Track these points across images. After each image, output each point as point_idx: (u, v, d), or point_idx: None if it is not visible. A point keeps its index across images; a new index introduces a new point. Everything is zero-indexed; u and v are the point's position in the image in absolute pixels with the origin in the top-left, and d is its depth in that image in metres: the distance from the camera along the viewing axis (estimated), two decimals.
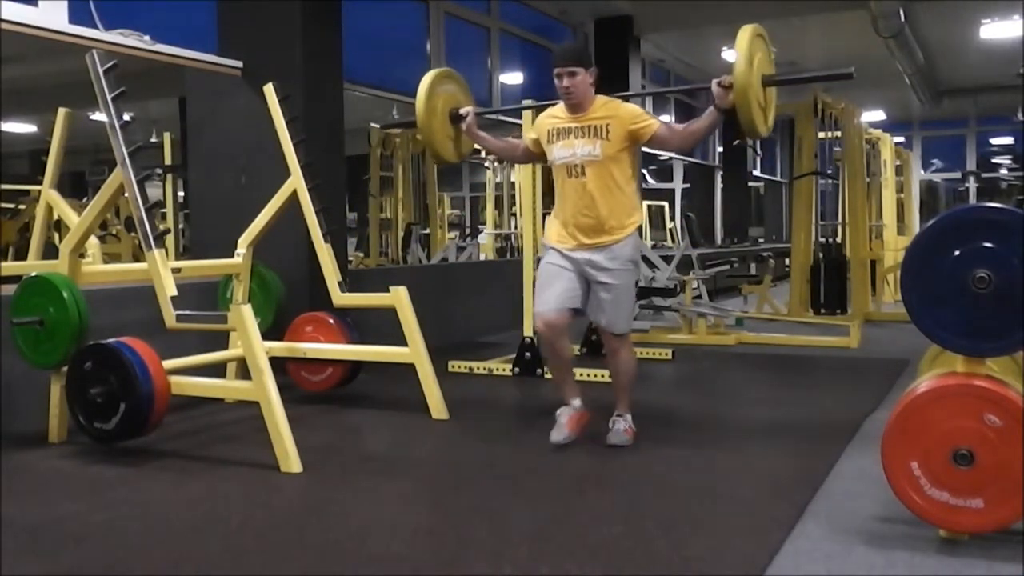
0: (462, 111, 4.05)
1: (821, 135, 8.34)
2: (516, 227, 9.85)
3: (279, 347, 4.62)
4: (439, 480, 3.28)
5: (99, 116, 3.82)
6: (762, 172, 17.98)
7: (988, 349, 2.50)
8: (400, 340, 4.37)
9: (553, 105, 3.78)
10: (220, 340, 4.55)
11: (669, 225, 14.36)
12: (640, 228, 3.75)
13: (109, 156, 3.76)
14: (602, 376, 5.11)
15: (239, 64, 5.50)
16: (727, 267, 10.27)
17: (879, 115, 16.25)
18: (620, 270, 3.59)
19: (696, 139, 3.71)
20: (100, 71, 3.72)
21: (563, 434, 3.61)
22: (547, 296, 3.61)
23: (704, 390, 5.31)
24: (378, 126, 8.87)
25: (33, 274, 3.87)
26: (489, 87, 8.72)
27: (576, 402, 3.72)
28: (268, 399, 3.43)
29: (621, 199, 3.58)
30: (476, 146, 4.39)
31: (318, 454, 3.55)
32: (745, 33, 3.36)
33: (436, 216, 9.74)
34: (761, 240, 15.23)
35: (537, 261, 3.84)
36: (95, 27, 4.65)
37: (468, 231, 12.01)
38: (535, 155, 3.89)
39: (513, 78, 9.36)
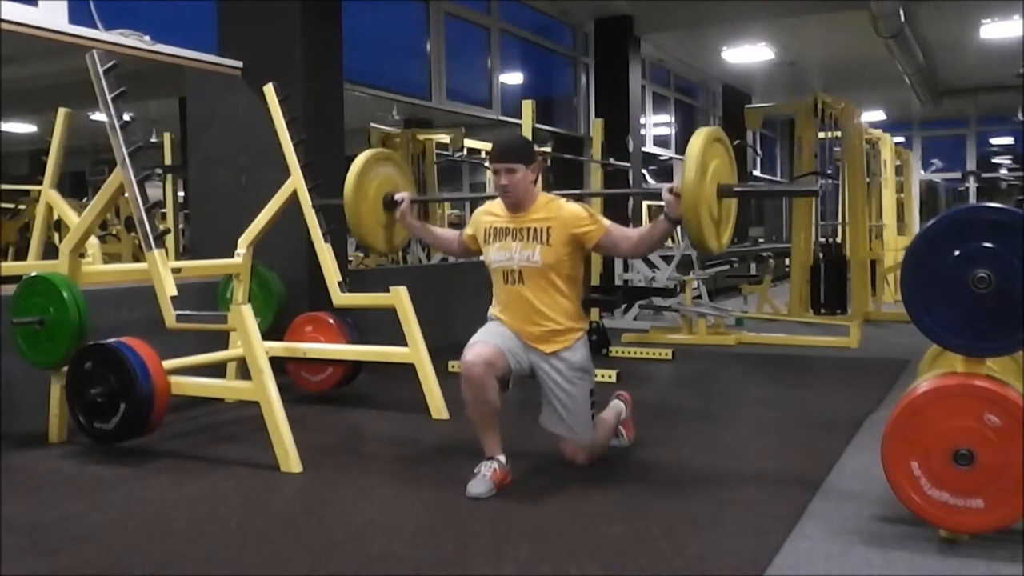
0: (397, 196, 3.75)
1: (821, 135, 8.34)
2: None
3: (279, 347, 4.62)
4: (439, 480, 3.28)
5: (99, 116, 3.83)
6: (762, 172, 17.97)
7: (988, 349, 2.50)
8: (400, 340, 4.37)
9: (492, 198, 3.44)
10: (220, 340, 4.55)
11: None
12: (587, 336, 3.39)
13: (109, 156, 3.77)
14: (604, 376, 5.11)
15: (239, 64, 5.50)
16: (727, 267, 10.28)
17: (879, 115, 16.25)
18: (573, 378, 3.26)
19: (649, 248, 3.31)
20: (100, 71, 3.72)
21: (485, 486, 3.08)
22: (490, 335, 3.22)
23: (704, 390, 5.31)
24: (379, 126, 8.87)
25: (33, 274, 3.88)
26: (489, 87, 8.72)
27: (501, 457, 3.21)
28: (268, 399, 3.43)
29: (564, 305, 3.25)
30: (472, 144, 4.25)
31: (318, 454, 3.55)
32: (698, 138, 2.96)
33: (436, 216, 9.73)
34: (761, 240, 15.22)
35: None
36: (95, 27, 4.65)
37: None
38: (472, 251, 3.53)
39: (513, 78, 9.36)
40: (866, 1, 8.35)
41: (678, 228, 3.22)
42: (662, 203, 3.12)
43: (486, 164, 10.62)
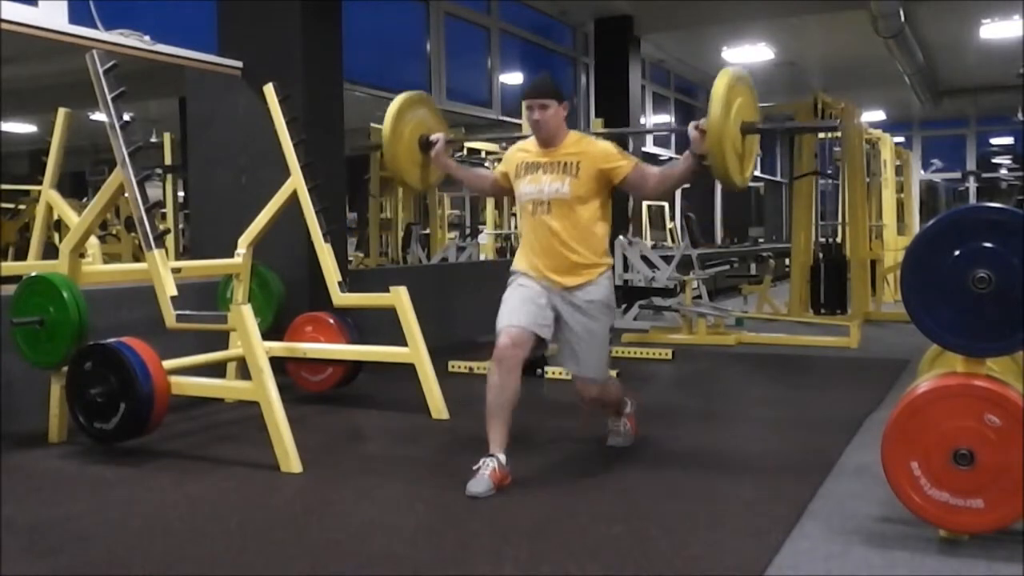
0: (432, 137, 3.84)
1: (821, 135, 8.34)
2: (516, 227, 9.84)
3: (279, 347, 4.62)
4: (439, 480, 3.28)
5: (99, 116, 3.82)
6: (762, 172, 17.98)
7: (988, 349, 2.50)
8: (400, 340, 4.37)
9: (525, 138, 3.57)
10: (220, 340, 4.55)
11: (669, 225, 14.35)
12: (613, 268, 3.49)
13: (109, 156, 3.77)
14: None
15: (239, 64, 5.49)
16: (727, 267, 10.28)
17: (879, 115, 16.25)
18: (595, 313, 3.32)
19: (673, 186, 3.44)
20: (100, 71, 3.72)
21: (485, 486, 3.05)
22: (514, 313, 3.25)
23: (704, 390, 5.31)
24: (379, 126, 8.84)
25: (33, 274, 3.88)
26: (489, 87, 8.72)
27: (502, 456, 3.16)
28: (268, 399, 3.43)
29: (590, 240, 3.32)
30: (475, 144, 4.34)
31: (318, 454, 3.55)
32: (723, 78, 3.13)
33: (436, 216, 9.74)
34: (761, 240, 15.24)
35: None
36: (95, 27, 4.65)
37: (468, 231, 12.00)
38: (504, 189, 3.63)
39: (513, 78, 9.36)
40: (866, 1, 8.35)
41: (678, 227, 3.28)
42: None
43: (486, 164, 10.65)
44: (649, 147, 12.09)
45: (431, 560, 2.49)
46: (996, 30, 10.59)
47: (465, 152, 9.91)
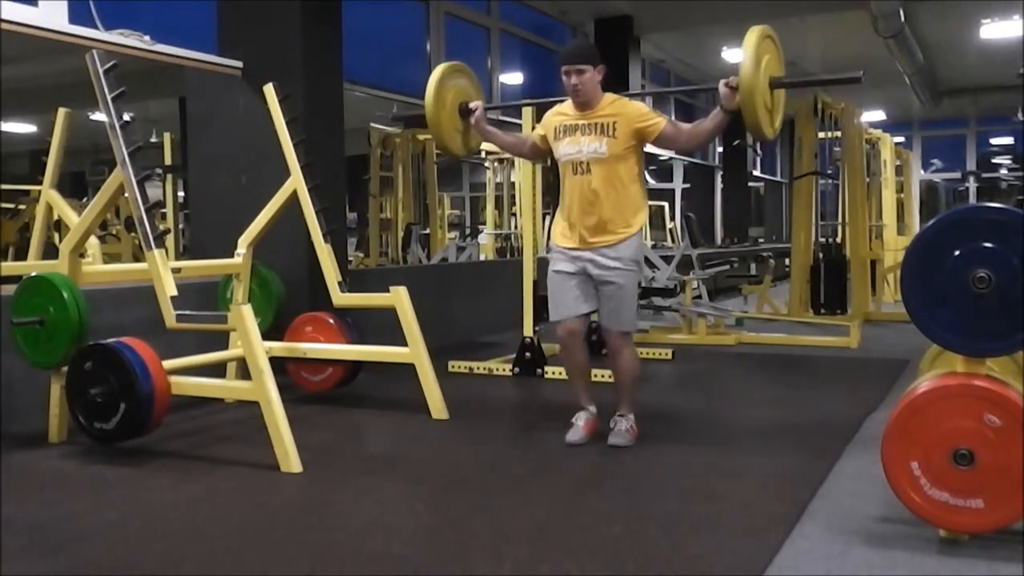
0: (471, 105, 4.06)
1: (821, 135, 8.33)
2: (516, 227, 9.85)
3: (279, 347, 4.62)
4: (439, 480, 3.28)
5: (99, 116, 3.82)
6: (762, 172, 17.97)
7: (988, 349, 2.50)
8: (400, 340, 4.37)
9: (560, 102, 3.81)
10: (220, 340, 4.55)
11: (669, 225, 14.36)
12: (643, 228, 3.74)
13: (109, 156, 3.77)
14: (603, 376, 5.11)
15: (239, 64, 5.50)
16: (727, 267, 10.27)
17: (879, 115, 16.25)
18: (623, 269, 3.58)
19: (703, 140, 3.70)
20: (100, 71, 3.72)
21: (579, 435, 3.67)
22: (562, 305, 3.64)
23: (704, 390, 5.31)
24: (379, 126, 8.87)
25: (33, 274, 3.87)
26: (489, 87, 8.72)
27: (592, 408, 3.78)
28: (268, 399, 3.43)
29: (626, 197, 3.58)
30: (483, 143, 4.43)
31: (318, 454, 3.55)
32: (753, 34, 3.37)
33: (436, 216, 9.74)
34: (761, 240, 15.23)
35: (540, 262, 3.85)
36: (95, 27, 4.65)
37: (468, 231, 12.01)
38: (542, 151, 3.87)
39: (513, 78, 9.36)
40: (866, 1, 8.35)
41: (678, 227, 3.36)
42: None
43: (486, 164, 10.67)
44: (649, 146, 12.07)
45: (431, 560, 2.49)
46: (996, 30, 10.60)
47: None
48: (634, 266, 3.64)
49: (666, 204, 14.70)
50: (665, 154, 13.02)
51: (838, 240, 8.59)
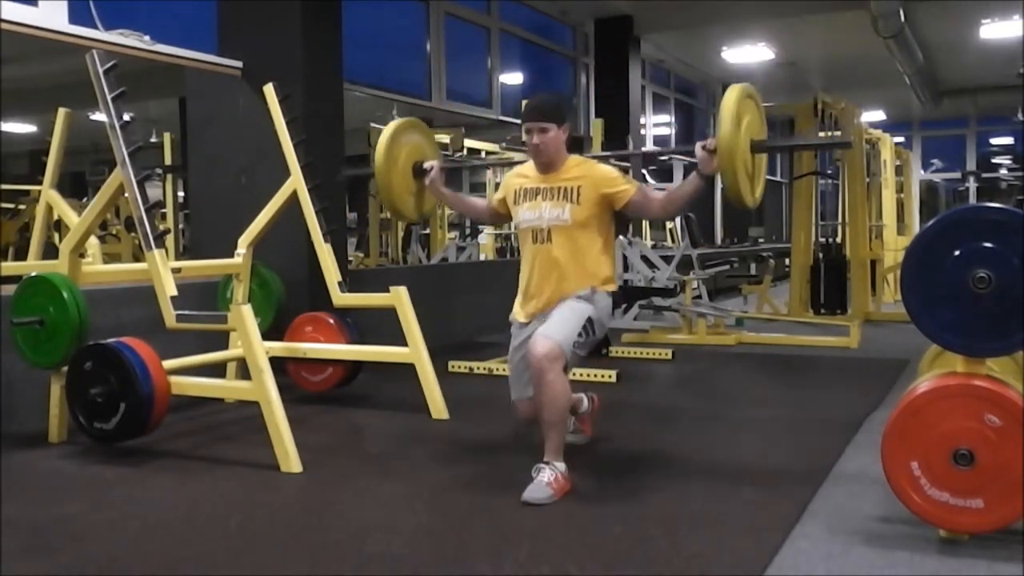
0: (426, 164, 3.71)
1: (821, 135, 8.34)
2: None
3: (279, 347, 4.62)
4: (439, 480, 3.28)
5: (99, 116, 3.82)
6: None
7: (988, 349, 2.50)
8: (400, 340, 4.37)
9: (522, 163, 3.47)
10: (220, 340, 4.55)
11: (669, 225, 14.34)
12: (613, 295, 3.30)
13: (109, 156, 3.77)
14: (604, 376, 5.12)
15: (239, 64, 5.50)
16: (727, 267, 10.27)
17: (879, 115, 16.25)
18: (576, 300, 3.18)
19: (679, 207, 3.28)
20: (100, 71, 3.72)
21: (579, 438, 3.57)
22: (518, 387, 3.31)
23: (704, 390, 5.31)
24: (379, 126, 8.86)
25: (33, 274, 3.87)
26: (489, 87, 8.72)
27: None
28: (268, 399, 3.43)
29: (592, 266, 3.21)
30: (472, 144, 4.31)
31: (318, 454, 3.55)
32: (733, 93, 3.06)
33: (436, 216, 9.74)
34: (761, 240, 15.22)
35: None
36: (95, 27, 4.65)
37: (468, 231, 12.01)
38: (501, 216, 3.54)
39: (513, 78, 9.35)
40: (866, 1, 8.35)
41: (678, 227, 3.26)
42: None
43: (486, 164, 10.66)
44: (649, 147, 12.08)
45: (431, 560, 2.49)
46: (996, 30, 10.59)
47: (465, 152, 9.92)
48: (586, 304, 3.17)
49: None
50: (665, 154, 13.01)
51: (838, 240, 8.60)
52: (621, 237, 7.24)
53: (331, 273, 4.53)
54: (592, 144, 7.06)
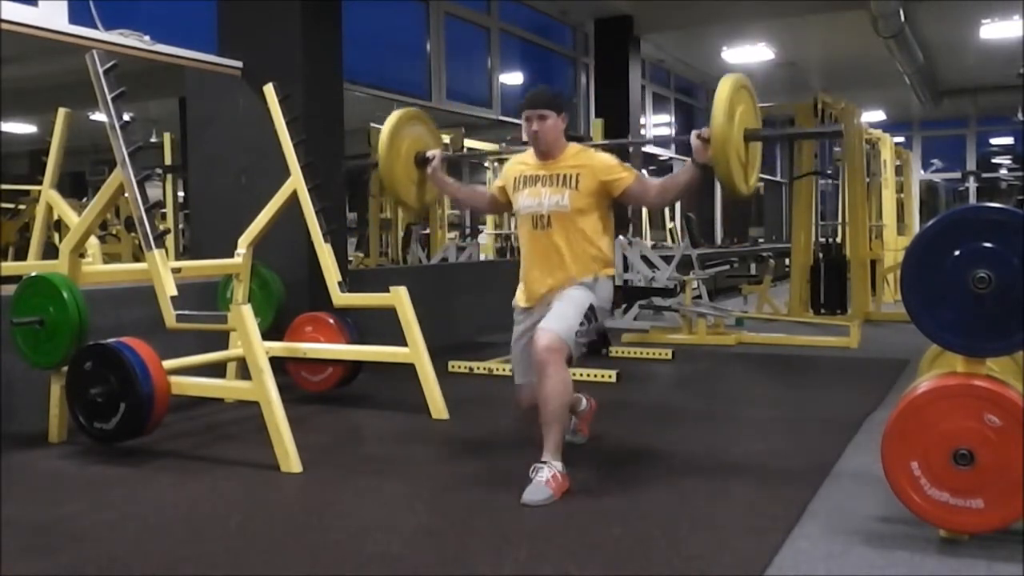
0: (428, 154, 3.81)
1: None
2: (516, 227, 9.85)
3: (279, 347, 4.62)
4: (439, 480, 3.28)
5: (99, 116, 3.82)
6: (762, 172, 17.95)
7: (988, 349, 2.50)
8: (400, 340, 4.37)
9: (523, 151, 3.51)
10: (220, 340, 4.55)
11: (669, 225, 14.36)
12: (613, 279, 3.38)
13: (109, 156, 3.77)
14: (603, 376, 5.12)
15: (239, 64, 5.50)
16: (727, 267, 10.28)
17: (879, 115, 16.25)
18: (575, 288, 3.22)
19: (675, 196, 3.35)
20: (100, 71, 3.72)
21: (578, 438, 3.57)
22: (522, 372, 3.34)
23: (704, 390, 5.31)
24: (379, 126, 8.86)
25: (33, 274, 3.87)
26: (489, 87, 8.72)
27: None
28: (268, 399, 3.43)
29: (592, 252, 3.26)
30: (472, 144, 4.32)
31: (318, 454, 3.55)
32: (726, 84, 3.11)
33: (436, 216, 9.74)
34: (761, 240, 15.24)
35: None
36: (95, 27, 4.65)
37: (468, 231, 12.00)
38: (501, 204, 3.60)
39: (513, 78, 9.36)
40: (866, 1, 8.35)
41: (678, 227, 3.27)
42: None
43: (485, 164, 10.67)
44: (649, 147, 12.09)
45: (431, 560, 2.49)
46: (996, 30, 10.60)
47: (465, 151, 9.93)
48: (585, 289, 3.23)
49: None
50: (665, 154, 13.01)
51: (838, 240, 8.60)
52: (621, 237, 7.24)
53: (331, 273, 4.53)
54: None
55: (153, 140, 9.29)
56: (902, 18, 8.89)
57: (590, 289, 3.23)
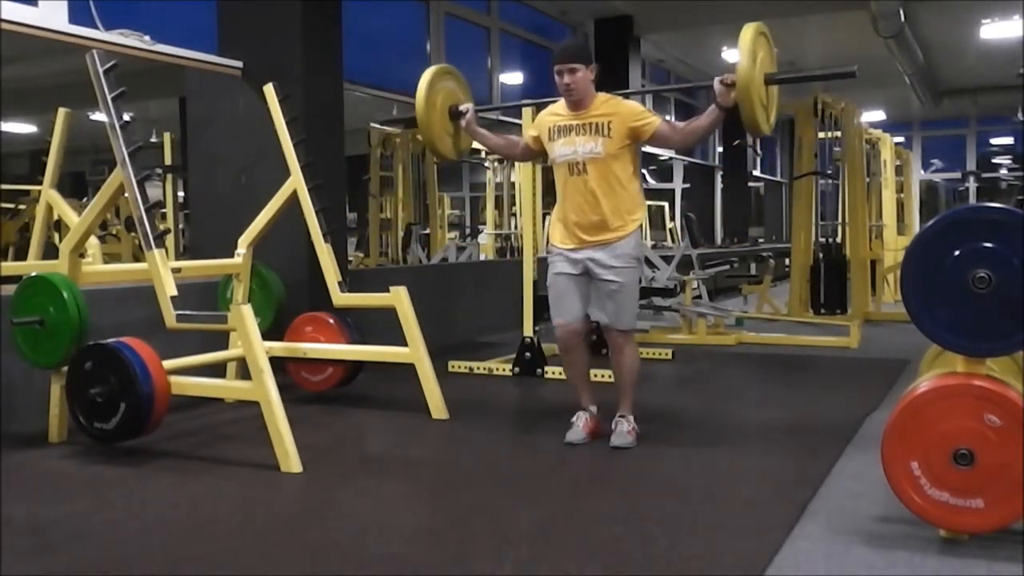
0: (461, 107, 4.09)
1: (821, 135, 8.34)
2: (516, 227, 9.85)
3: (279, 347, 4.62)
4: (439, 480, 3.28)
5: (99, 116, 3.82)
6: (762, 172, 17.97)
7: (988, 349, 2.49)
8: (400, 340, 4.37)
9: (554, 102, 3.79)
10: (220, 340, 4.55)
11: (669, 225, 14.36)
12: (642, 225, 3.75)
13: (109, 156, 3.77)
14: (603, 376, 5.12)
15: (239, 64, 5.50)
16: (727, 267, 10.28)
17: (879, 115, 16.25)
18: (624, 268, 3.59)
19: (698, 137, 3.71)
20: (100, 71, 3.72)
21: (579, 435, 3.68)
22: (564, 307, 3.67)
23: (704, 390, 5.31)
24: (378, 124, 8.87)
25: (33, 274, 3.87)
26: (489, 87, 8.72)
27: (593, 408, 3.79)
28: (268, 399, 3.43)
29: (624, 196, 3.58)
30: (475, 144, 4.42)
31: (318, 454, 3.55)
32: (748, 31, 3.39)
33: (436, 216, 9.74)
34: (761, 240, 15.23)
35: (540, 262, 3.87)
36: (95, 27, 4.65)
37: (468, 231, 12.00)
38: (535, 152, 3.88)
39: (513, 78, 9.36)
40: (866, 1, 8.35)
41: (678, 227, 3.37)
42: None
43: (486, 164, 10.67)
44: (649, 147, 12.08)
45: (431, 560, 2.49)
46: (996, 30, 10.60)
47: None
48: (634, 263, 3.65)
49: (666, 204, 14.70)
50: (665, 154, 13.02)
51: (838, 240, 8.59)
52: None
53: (331, 273, 4.53)
54: None
55: (153, 140, 9.28)
56: (902, 18, 8.90)
57: (631, 263, 3.60)
